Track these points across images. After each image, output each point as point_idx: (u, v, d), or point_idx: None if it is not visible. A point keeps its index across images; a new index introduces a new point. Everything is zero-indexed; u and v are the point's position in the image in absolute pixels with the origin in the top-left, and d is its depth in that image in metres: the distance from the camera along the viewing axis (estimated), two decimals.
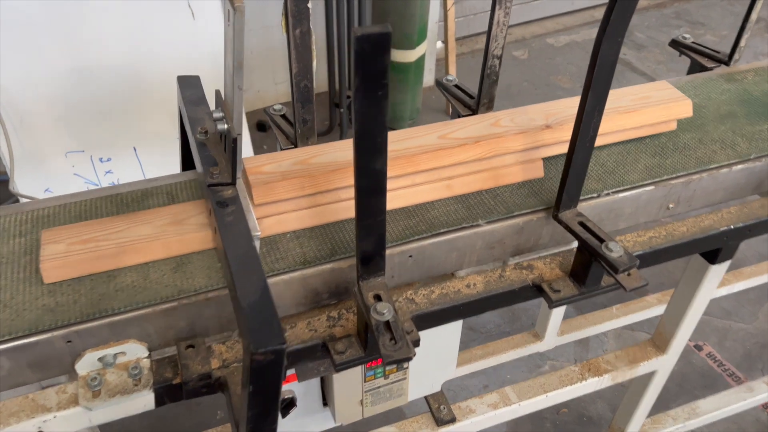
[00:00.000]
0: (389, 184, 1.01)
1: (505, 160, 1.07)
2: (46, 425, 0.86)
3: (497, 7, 1.12)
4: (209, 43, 2.60)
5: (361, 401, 1.13)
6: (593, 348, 2.53)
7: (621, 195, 1.10)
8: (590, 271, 0.99)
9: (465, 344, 2.37)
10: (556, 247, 1.12)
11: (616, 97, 1.14)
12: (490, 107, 1.27)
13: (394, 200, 1.02)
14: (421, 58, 3.51)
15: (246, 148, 2.81)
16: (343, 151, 1.02)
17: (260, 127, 3.58)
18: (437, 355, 1.19)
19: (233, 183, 0.89)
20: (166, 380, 0.89)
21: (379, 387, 1.13)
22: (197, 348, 0.91)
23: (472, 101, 1.28)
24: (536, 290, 1.05)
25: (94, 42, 2.38)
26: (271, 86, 3.73)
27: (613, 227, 1.14)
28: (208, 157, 0.91)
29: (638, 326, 2.59)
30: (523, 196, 1.07)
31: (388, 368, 1.11)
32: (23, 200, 2.55)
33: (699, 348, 2.56)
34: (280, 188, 0.94)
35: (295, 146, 1.15)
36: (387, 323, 0.84)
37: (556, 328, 1.95)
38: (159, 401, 0.90)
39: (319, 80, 3.68)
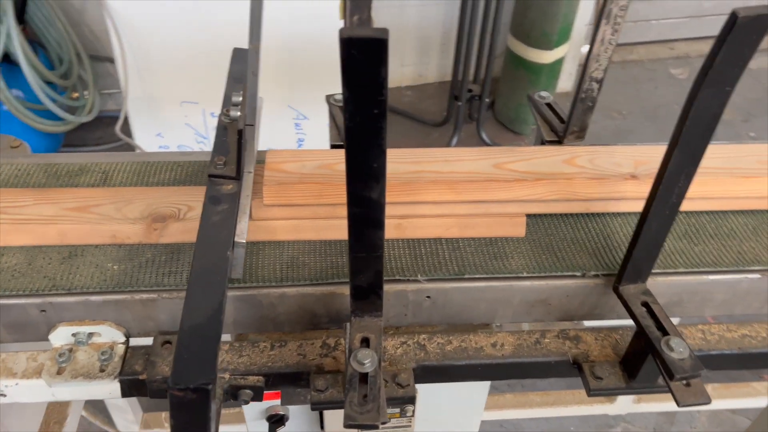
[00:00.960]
0: (422, 209, 0.88)
1: (573, 207, 0.89)
2: (8, 390, 0.83)
3: (603, 22, 0.92)
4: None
5: None
6: (680, 422, 2.21)
7: (712, 277, 0.88)
8: (643, 364, 0.80)
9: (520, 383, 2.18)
10: (620, 320, 0.92)
11: (734, 154, 0.91)
12: (580, 137, 1.07)
13: (425, 228, 0.87)
14: (559, 61, 3.24)
15: (323, 133, 2.73)
16: None
17: None
18: (455, 411, 1.04)
19: (238, 178, 0.79)
20: (133, 373, 0.82)
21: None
22: (174, 345, 0.84)
23: (561, 126, 1.09)
24: (576, 369, 0.87)
25: None
26: (397, 67, 3.63)
27: (697, 313, 0.93)
28: (222, 144, 0.82)
29: (741, 410, 2.24)
30: (586, 254, 0.88)
31: (389, 412, 0.98)
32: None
33: None
34: (295, 191, 0.83)
35: (342, 146, 1.03)
36: (364, 376, 0.71)
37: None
38: (125, 392, 0.84)
39: (444, 69, 3.54)
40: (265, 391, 0.86)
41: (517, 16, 3.12)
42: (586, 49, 3.65)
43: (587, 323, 1.02)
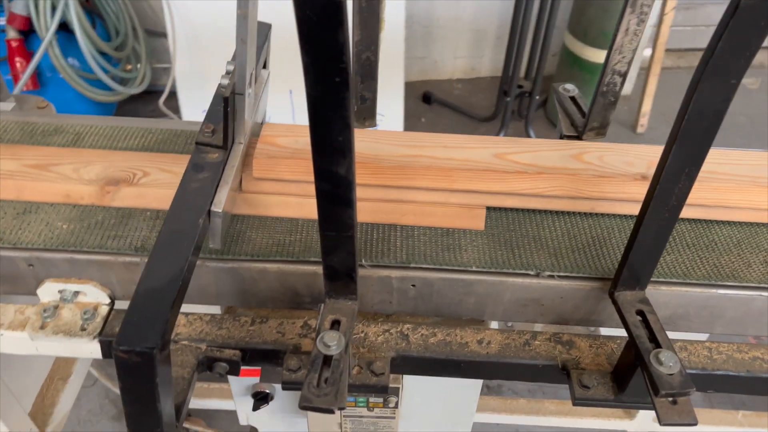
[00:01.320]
0: (416, 195, 0.84)
1: (576, 205, 0.84)
2: None
3: (629, 11, 0.86)
4: None
5: (340, 425, 1.00)
6: None
7: (723, 292, 0.81)
8: (632, 377, 0.75)
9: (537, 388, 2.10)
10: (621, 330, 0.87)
11: (755, 161, 0.84)
12: (600, 134, 1.02)
13: (421, 217, 0.84)
14: None
15: (396, 115, 2.71)
16: (378, 142, 0.87)
17: (426, 98, 3.46)
18: (445, 406, 1.01)
19: (224, 147, 0.78)
20: (113, 335, 0.82)
21: (360, 416, 0.98)
22: None
23: (582, 121, 1.03)
24: (563, 375, 0.82)
25: None
26: (449, 59, 3.57)
27: (705, 329, 0.86)
28: (215, 113, 0.81)
29: None
30: (587, 256, 0.83)
31: (372, 401, 0.96)
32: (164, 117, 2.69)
33: None
34: (284, 166, 0.82)
35: None
36: (329, 358, 0.69)
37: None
38: (106, 353, 0.85)
39: (497, 64, 3.45)
40: (242, 367, 0.85)
41: (576, 14, 3.02)
42: (648, 52, 3.50)
43: (585, 329, 0.97)
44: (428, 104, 3.46)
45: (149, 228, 0.83)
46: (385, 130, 0.89)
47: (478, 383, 1.02)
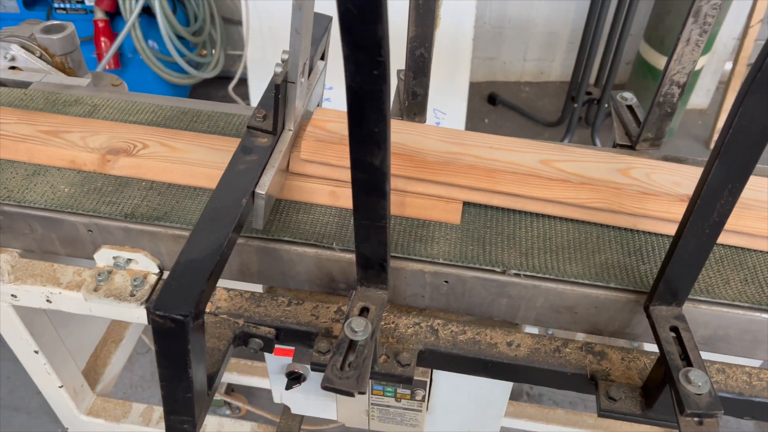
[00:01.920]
0: (456, 193, 0.85)
1: (618, 220, 0.82)
2: (53, 297, 0.91)
3: (691, 20, 0.84)
4: None
5: (368, 412, 1.02)
6: None
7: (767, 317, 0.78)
8: (661, 394, 0.73)
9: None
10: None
11: None
12: (655, 145, 0.99)
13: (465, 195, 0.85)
14: (695, 74, 3.00)
15: (458, 115, 2.70)
16: (426, 137, 0.88)
17: (491, 99, 3.43)
18: (472, 406, 1.01)
19: (273, 132, 0.81)
20: None
21: (388, 406, 1.00)
22: None
23: (637, 131, 1.01)
24: (591, 385, 0.81)
25: None
26: (519, 61, 3.53)
27: (746, 354, 0.83)
28: (268, 99, 0.84)
29: None
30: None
31: (400, 392, 0.97)
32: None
33: None
34: (331, 151, 0.84)
35: (401, 118, 1.03)
36: (354, 343, 0.71)
37: None
38: (150, 319, 0.89)
39: (568, 69, 3.38)
40: (276, 345, 0.88)
41: (653, 22, 2.92)
42: (729, 66, 3.35)
43: (621, 342, 0.95)
44: (493, 105, 3.43)
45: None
46: (432, 126, 0.89)
47: (507, 386, 1.01)
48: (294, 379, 1.03)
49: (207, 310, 0.87)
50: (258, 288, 0.96)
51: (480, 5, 3.19)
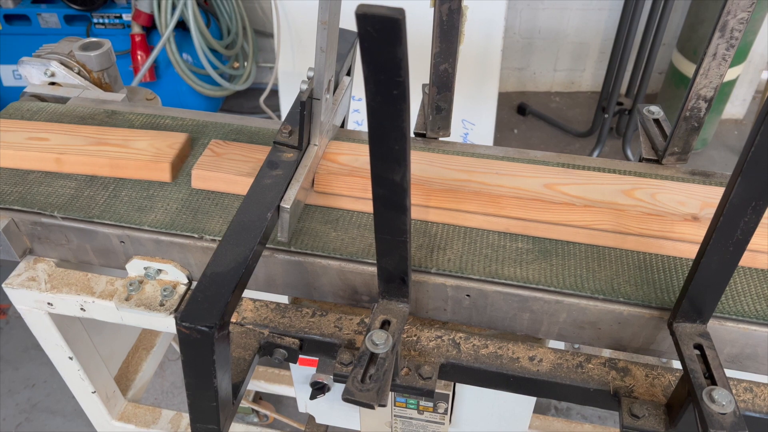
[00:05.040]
0: (466, 206, 0.86)
1: (625, 242, 0.82)
2: (87, 306, 0.94)
3: (717, 35, 0.83)
4: None
5: (391, 424, 1.03)
6: None
7: None
8: (684, 412, 0.72)
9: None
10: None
11: None
12: (682, 159, 0.98)
13: (472, 222, 0.86)
14: (730, 83, 2.94)
15: (486, 125, 2.70)
16: (432, 165, 0.89)
17: (521, 110, 3.42)
18: (495, 420, 1.01)
19: (299, 148, 0.83)
20: None
21: (410, 418, 1.01)
22: None
23: (663, 145, 1.00)
24: (614, 401, 0.81)
25: None
26: (549, 72, 3.51)
27: None
28: (293, 115, 0.86)
29: None
30: (645, 284, 0.81)
31: (422, 404, 0.98)
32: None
33: None
34: (342, 183, 0.86)
35: (425, 135, 1.04)
36: (375, 356, 0.72)
37: None
38: None
39: (599, 79, 3.35)
40: (301, 356, 0.90)
41: (686, 31, 2.88)
42: (766, 75, 3.28)
43: (645, 359, 0.94)
44: (523, 116, 3.42)
45: (357, 233, 0.87)
46: (438, 154, 0.91)
47: (531, 400, 1.01)
48: (318, 389, 1.05)
49: (233, 320, 0.89)
50: (284, 299, 0.98)
51: (510, 16, 3.19)
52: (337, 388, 1.06)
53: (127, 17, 2.81)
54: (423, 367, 0.82)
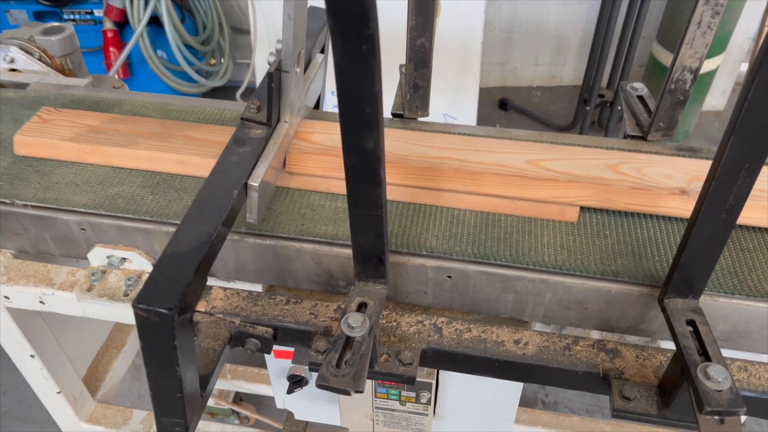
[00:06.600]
0: (445, 184, 0.82)
1: None
2: (46, 298, 0.89)
3: (702, 1, 0.80)
4: None
5: (372, 417, 0.98)
6: None
7: None
8: (678, 392, 0.69)
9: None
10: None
11: None
12: (667, 135, 0.95)
13: (451, 201, 0.82)
14: (710, 74, 2.94)
15: (468, 119, 2.67)
16: (408, 143, 0.85)
17: (502, 104, 3.39)
18: (481, 410, 0.97)
19: (268, 124, 0.79)
20: None
21: (393, 410, 0.96)
22: None
23: (648, 121, 0.97)
24: (604, 384, 0.77)
25: None
26: (530, 66, 3.49)
27: None
28: (262, 90, 0.82)
29: None
30: (635, 262, 0.77)
31: (404, 394, 0.94)
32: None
33: None
34: (315, 162, 0.82)
35: (402, 116, 0.99)
36: (351, 340, 0.67)
37: None
38: None
39: (580, 73, 3.34)
40: (275, 347, 0.85)
41: (665, 23, 2.88)
42: (745, 66, 3.28)
43: (634, 339, 0.91)
44: (504, 110, 3.39)
45: (331, 217, 0.84)
46: (414, 131, 0.87)
47: (517, 389, 0.97)
48: (296, 382, 1.00)
49: (202, 309, 0.84)
50: (257, 288, 0.94)
51: (489, 10, 3.16)
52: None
53: (98, 13, 2.74)
54: (403, 352, 0.78)
